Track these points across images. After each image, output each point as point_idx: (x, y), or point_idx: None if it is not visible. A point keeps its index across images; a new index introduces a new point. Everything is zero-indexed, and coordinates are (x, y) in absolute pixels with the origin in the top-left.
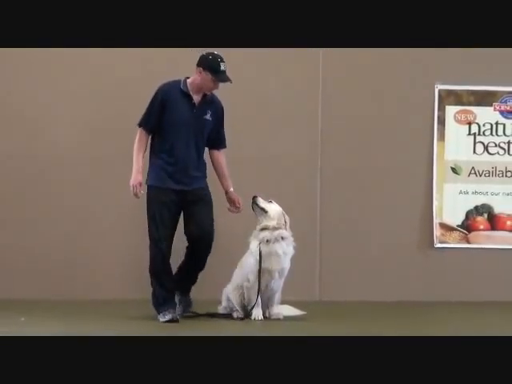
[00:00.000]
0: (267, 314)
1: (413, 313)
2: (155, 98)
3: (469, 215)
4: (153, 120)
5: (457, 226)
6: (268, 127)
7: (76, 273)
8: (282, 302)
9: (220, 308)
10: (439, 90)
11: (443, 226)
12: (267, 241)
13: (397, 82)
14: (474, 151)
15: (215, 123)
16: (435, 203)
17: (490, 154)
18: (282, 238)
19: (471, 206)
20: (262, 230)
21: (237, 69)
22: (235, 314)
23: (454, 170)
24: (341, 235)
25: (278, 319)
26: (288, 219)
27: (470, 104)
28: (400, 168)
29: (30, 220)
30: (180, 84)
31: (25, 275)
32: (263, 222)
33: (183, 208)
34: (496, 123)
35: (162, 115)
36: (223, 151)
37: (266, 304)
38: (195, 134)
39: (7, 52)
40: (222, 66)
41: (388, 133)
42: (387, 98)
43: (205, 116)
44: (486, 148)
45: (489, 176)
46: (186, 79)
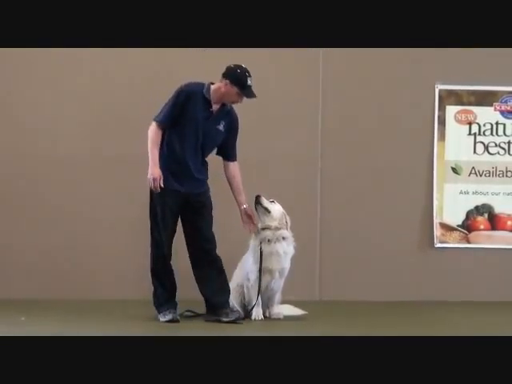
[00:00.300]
0: (267, 314)
1: (413, 313)
2: (177, 97)
3: (469, 215)
4: (170, 118)
5: (457, 226)
6: (268, 127)
7: (76, 273)
8: (283, 302)
9: None
10: (439, 90)
11: (443, 226)
12: (269, 240)
13: (397, 82)
14: (475, 151)
15: (227, 135)
16: (435, 203)
17: (491, 154)
18: (283, 238)
19: (471, 206)
20: (264, 230)
21: None
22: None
23: (455, 170)
24: (341, 235)
25: (279, 319)
26: (289, 220)
27: (471, 104)
28: (400, 168)
29: (30, 220)
30: (203, 88)
31: (25, 275)
32: (265, 222)
33: (185, 212)
34: (496, 123)
35: (178, 115)
36: (237, 164)
37: (266, 304)
38: (205, 141)
39: (7, 52)
40: (249, 81)
41: (388, 133)
42: (387, 98)
43: (218, 126)
44: (487, 148)
45: (489, 176)
46: (210, 85)
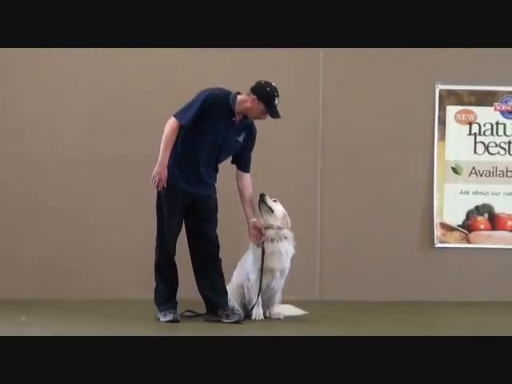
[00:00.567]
0: (268, 314)
1: (413, 313)
2: (205, 101)
3: (469, 215)
4: (191, 119)
5: (457, 226)
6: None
7: (76, 273)
8: (283, 302)
9: None
10: (440, 90)
11: (444, 226)
12: (272, 240)
13: (397, 82)
14: (475, 151)
15: (245, 146)
16: (436, 203)
17: (491, 154)
18: (285, 238)
19: (472, 206)
20: (267, 229)
21: (237, 69)
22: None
23: (455, 170)
24: (341, 235)
25: (279, 319)
26: (289, 220)
27: (471, 104)
28: (400, 168)
29: (30, 220)
30: (229, 97)
31: (25, 275)
32: (268, 221)
33: (190, 214)
34: (496, 123)
35: (200, 118)
36: (249, 175)
37: (267, 304)
38: (222, 150)
39: (8, 52)
40: (276, 101)
41: (388, 133)
42: (388, 98)
43: (237, 137)
44: (487, 148)
45: (489, 176)
46: (237, 95)
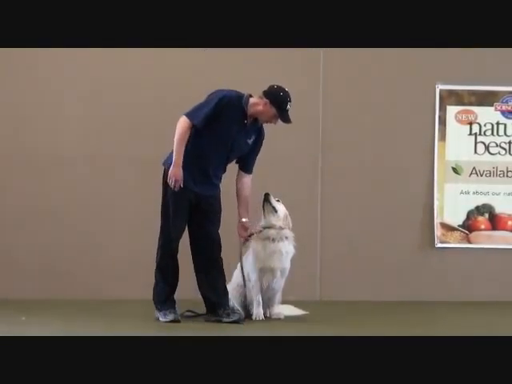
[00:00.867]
0: (268, 314)
1: (413, 312)
2: (219, 102)
3: (470, 215)
4: (203, 119)
5: (458, 226)
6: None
7: (76, 272)
8: (283, 302)
9: None
10: (440, 90)
11: (444, 226)
12: (273, 239)
13: (398, 82)
14: (475, 151)
15: (253, 148)
16: (436, 203)
17: (491, 154)
18: (286, 238)
19: (472, 206)
20: (268, 228)
21: (237, 69)
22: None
23: (455, 170)
24: (341, 235)
25: (279, 319)
26: (291, 220)
27: (471, 104)
28: (401, 168)
29: (31, 220)
30: (242, 100)
31: (25, 275)
32: (271, 221)
33: (195, 214)
34: (497, 123)
35: (212, 119)
36: (251, 177)
37: (267, 304)
38: (231, 151)
39: (8, 52)
40: (289, 106)
41: (389, 133)
42: (388, 98)
43: (248, 139)
44: (487, 148)
45: (490, 176)
46: (249, 97)
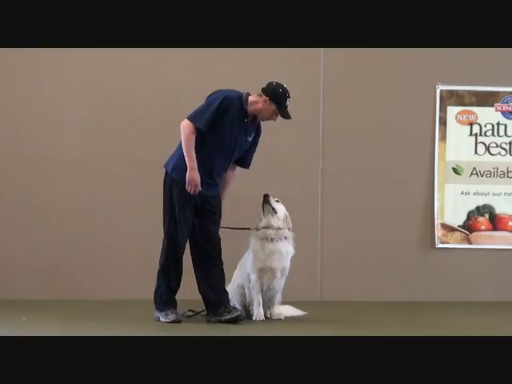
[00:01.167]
0: (268, 315)
1: (414, 313)
2: (220, 104)
3: (470, 215)
4: (207, 122)
5: (458, 227)
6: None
7: (76, 272)
8: (283, 303)
9: None
10: (440, 91)
11: (444, 227)
12: (272, 239)
13: (398, 83)
14: (476, 152)
15: (252, 144)
16: (436, 203)
17: (492, 155)
18: (285, 238)
19: (472, 207)
20: (267, 228)
21: (237, 69)
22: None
23: (456, 171)
24: (342, 235)
25: (280, 319)
26: (290, 221)
27: (472, 104)
28: (401, 168)
29: (31, 220)
30: (242, 99)
31: (25, 275)
32: (270, 222)
33: (197, 215)
34: (497, 124)
35: (215, 121)
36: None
37: (267, 304)
38: (234, 150)
39: (8, 52)
40: (288, 102)
41: (389, 133)
42: (388, 99)
43: (248, 137)
44: (488, 148)
45: (490, 176)
46: (248, 96)
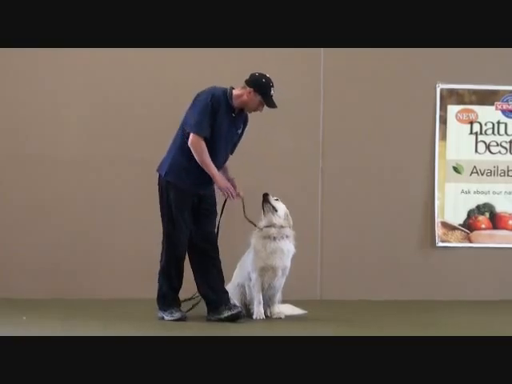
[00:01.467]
0: (268, 313)
1: (414, 312)
2: (210, 106)
3: (470, 214)
4: (209, 128)
5: (458, 225)
6: (269, 127)
7: (77, 272)
8: (284, 301)
9: None
10: (441, 90)
11: (445, 225)
12: (274, 238)
13: (398, 82)
14: (476, 150)
15: (239, 135)
16: (437, 202)
17: (492, 153)
18: (286, 236)
19: (473, 205)
20: (269, 227)
21: (237, 69)
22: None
23: (456, 169)
24: (342, 234)
25: (280, 318)
26: (291, 219)
27: (472, 103)
28: (402, 167)
29: (32, 219)
30: (227, 94)
31: (26, 274)
32: (272, 220)
33: (195, 214)
34: (498, 122)
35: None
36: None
37: (268, 303)
38: (227, 146)
39: (8, 52)
40: (272, 91)
41: (389, 132)
42: (389, 98)
43: (238, 130)
44: (488, 147)
45: (490, 175)
46: (232, 90)
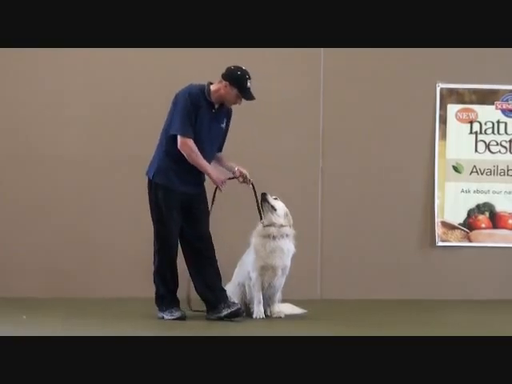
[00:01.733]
0: (268, 313)
1: (414, 311)
2: (186, 105)
3: (470, 214)
4: (192, 128)
5: (458, 225)
6: (269, 127)
7: (77, 271)
8: (284, 301)
9: None
10: (441, 89)
11: (445, 225)
12: (274, 237)
13: (398, 81)
14: (476, 150)
15: (225, 129)
16: (437, 202)
17: (492, 153)
18: (286, 235)
19: (473, 205)
20: (268, 226)
21: None
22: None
23: (456, 169)
24: (342, 234)
25: (280, 317)
26: (291, 218)
27: (472, 102)
28: (401, 167)
29: (31, 219)
30: (204, 90)
31: (26, 274)
32: (271, 219)
33: (186, 215)
34: (497, 122)
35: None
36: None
37: (268, 302)
38: (212, 142)
39: (8, 52)
40: (249, 83)
41: (389, 132)
42: (389, 97)
43: (222, 124)
44: (488, 146)
45: (490, 174)
46: (210, 86)
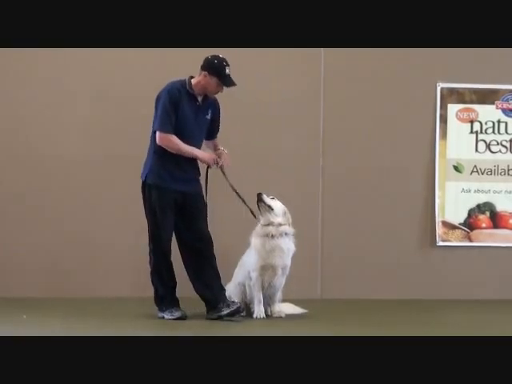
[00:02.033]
0: (269, 312)
1: (414, 311)
2: (166, 101)
3: (471, 213)
4: (173, 124)
5: (459, 224)
6: (270, 127)
7: (77, 271)
8: (284, 300)
9: None
10: (441, 89)
11: (445, 224)
12: (272, 236)
13: (399, 81)
14: (476, 149)
15: (213, 119)
16: (437, 201)
17: (492, 153)
18: (286, 234)
19: (473, 204)
20: (267, 226)
21: (238, 69)
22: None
23: (456, 168)
24: (342, 233)
25: (280, 317)
26: (290, 217)
27: (472, 102)
28: (402, 166)
29: (31, 219)
30: (186, 85)
31: (26, 273)
32: (269, 219)
33: (182, 214)
34: (498, 121)
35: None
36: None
37: (268, 302)
38: (198, 135)
39: (8, 52)
40: (227, 70)
41: (390, 131)
42: (389, 97)
43: (207, 116)
44: (488, 146)
45: (491, 174)
46: (191, 79)
